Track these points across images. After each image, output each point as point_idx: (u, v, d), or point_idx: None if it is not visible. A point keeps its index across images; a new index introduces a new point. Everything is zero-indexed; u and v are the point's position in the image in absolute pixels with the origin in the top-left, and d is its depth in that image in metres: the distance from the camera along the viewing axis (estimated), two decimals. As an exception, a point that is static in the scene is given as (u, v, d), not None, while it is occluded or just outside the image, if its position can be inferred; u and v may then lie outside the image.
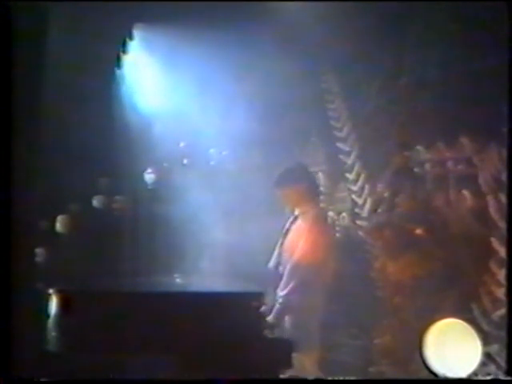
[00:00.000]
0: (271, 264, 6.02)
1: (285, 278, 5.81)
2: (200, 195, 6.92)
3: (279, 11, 6.15)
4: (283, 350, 4.77)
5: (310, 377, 5.58)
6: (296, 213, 6.06)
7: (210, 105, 6.84)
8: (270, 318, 5.61)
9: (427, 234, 5.70)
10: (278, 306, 5.74)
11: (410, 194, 5.92)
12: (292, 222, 6.06)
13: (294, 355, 4.81)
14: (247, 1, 6.08)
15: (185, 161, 7.43)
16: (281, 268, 5.91)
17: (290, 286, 5.75)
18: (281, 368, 4.79)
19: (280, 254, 5.98)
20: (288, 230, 6.04)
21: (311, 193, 6.07)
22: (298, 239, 5.88)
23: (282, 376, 4.85)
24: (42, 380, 4.09)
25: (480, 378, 4.58)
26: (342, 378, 5.09)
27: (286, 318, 5.78)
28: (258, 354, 4.58)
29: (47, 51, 4.54)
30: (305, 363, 5.55)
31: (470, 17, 5.28)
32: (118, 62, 6.98)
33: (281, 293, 5.79)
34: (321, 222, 6.04)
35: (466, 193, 5.44)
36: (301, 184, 6.02)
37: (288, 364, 4.76)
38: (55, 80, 4.96)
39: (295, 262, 5.79)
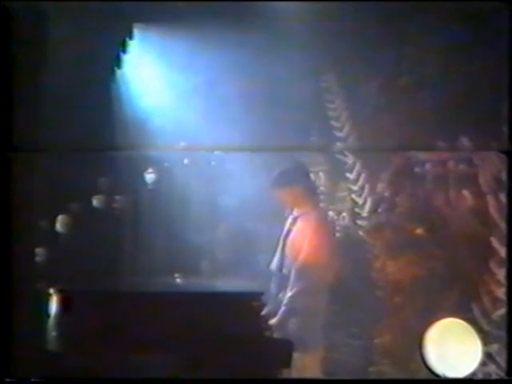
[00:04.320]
0: (273, 266, 6.01)
1: (291, 281, 5.79)
2: (200, 195, 6.92)
3: (279, 11, 6.15)
4: (284, 350, 4.77)
5: (311, 377, 5.58)
6: (295, 214, 6.05)
7: (210, 104, 6.84)
8: (275, 320, 5.60)
9: (427, 233, 5.70)
10: (283, 307, 5.73)
11: (410, 194, 5.92)
12: (292, 223, 6.04)
13: (296, 355, 4.81)
14: (247, 1, 6.08)
15: (185, 161, 7.43)
16: (285, 270, 5.90)
17: (297, 287, 5.74)
18: (281, 368, 4.79)
19: (282, 257, 5.97)
20: (289, 232, 6.03)
21: (309, 193, 6.06)
22: (302, 241, 5.86)
23: (282, 376, 4.86)
24: (42, 380, 4.10)
25: (480, 377, 4.58)
26: (342, 378, 5.09)
27: (291, 320, 5.77)
28: (259, 354, 4.59)
29: (47, 51, 4.55)
30: (307, 363, 5.55)
31: (470, 17, 5.28)
32: (117, 62, 6.97)
33: (287, 295, 5.78)
34: (324, 223, 6.04)
35: (466, 193, 5.45)
36: (298, 185, 6.00)
37: (288, 364, 4.76)
38: (55, 80, 4.97)
39: (301, 264, 5.77)
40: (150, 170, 7.37)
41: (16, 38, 4.25)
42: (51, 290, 4.67)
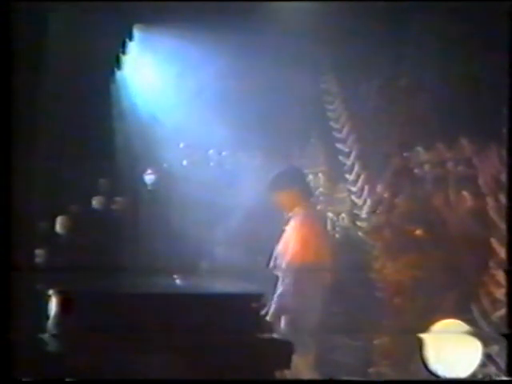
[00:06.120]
0: (270, 267, 6.01)
1: (280, 280, 5.81)
2: (199, 196, 6.93)
3: (279, 11, 6.16)
4: (283, 350, 4.76)
5: (310, 378, 5.57)
6: (292, 215, 6.05)
7: (209, 105, 6.85)
8: (267, 318, 5.61)
9: (427, 234, 5.70)
10: (273, 305, 5.75)
11: (409, 195, 5.93)
12: (287, 225, 6.05)
13: (292, 357, 4.80)
14: (247, 1, 6.08)
15: (184, 162, 7.44)
16: (277, 270, 5.92)
17: (284, 286, 5.76)
18: (281, 368, 4.79)
19: (276, 257, 5.99)
20: (284, 233, 6.04)
21: (303, 195, 6.04)
22: (290, 241, 5.88)
23: (281, 377, 4.85)
24: (42, 380, 4.10)
25: (480, 378, 4.58)
26: (341, 379, 5.09)
27: (282, 319, 5.78)
28: (258, 355, 4.58)
29: (47, 52, 4.55)
30: (299, 365, 5.53)
31: (469, 17, 5.29)
32: (117, 62, 6.98)
33: (276, 293, 5.80)
34: (312, 222, 6.01)
35: (465, 194, 5.45)
36: (293, 187, 5.99)
37: (288, 365, 4.76)
38: (55, 80, 4.97)
39: (287, 263, 5.79)
40: (150, 171, 7.38)
41: (16, 38, 4.24)
42: (51, 291, 4.65)
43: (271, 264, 6.00)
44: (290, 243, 5.85)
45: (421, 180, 5.85)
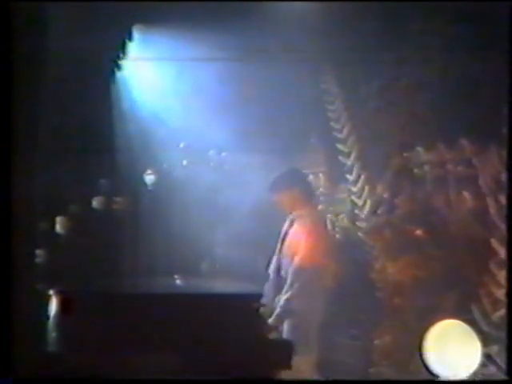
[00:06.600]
0: (271, 268, 6.00)
1: (288, 283, 5.79)
2: (199, 196, 6.93)
3: (279, 11, 6.16)
4: (283, 351, 4.76)
5: (310, 378, 5.57)
6: (293, 216, 6.05)
7: (209, 105, 6.84)
8: (270, 321, 5.61)
9: (427, 235, 5.70)
10: (279, 309, 5.74)
11: (409, 195, 5.92)
12: (289, 226, 6.04)
13: (295, 356, 4.80)
14: (247, 1, 6.08)
15: (184, 162, 7.44)
16: (282, 272, 5.90)
17: (293, 290, 5.74)
18: (280, 369, 4.79)
19: (280, 259, 5.97)
20: (286, 234, 6.02)
21: (305, 196, 6.05)
22: (298, 243, 5.86)
23: (281, 377, 4.85)
24: (43, 380, 4.10)
25: (480, 378, 4.58)
26: (342, 379, 5.09)
27: (286, 321, 5.77)
28: (258, 355, 4.58)
29: (47, 51, 4.54)
30: (301, 366, 5.53)
31: (469, 17, 5.29)
32: (117, 62, 6.97)
33: (283, 297, 5.78)
34: (319, 225, 6.03)
35: (465, 194, 5.45)
36: (294, 188, 6.00)
37: (287, 365, 4.76)
38: (55, 80, 4.96)
39: (296, 267, 5.77)
40: (150, 172, 7.37)
41: (16, 38, 4.24)
42: (51, 291, 4.66)
43: (272, 266, 6.00)
44: (297, 247, 5.84)
45: (421, 180, 5.85)
